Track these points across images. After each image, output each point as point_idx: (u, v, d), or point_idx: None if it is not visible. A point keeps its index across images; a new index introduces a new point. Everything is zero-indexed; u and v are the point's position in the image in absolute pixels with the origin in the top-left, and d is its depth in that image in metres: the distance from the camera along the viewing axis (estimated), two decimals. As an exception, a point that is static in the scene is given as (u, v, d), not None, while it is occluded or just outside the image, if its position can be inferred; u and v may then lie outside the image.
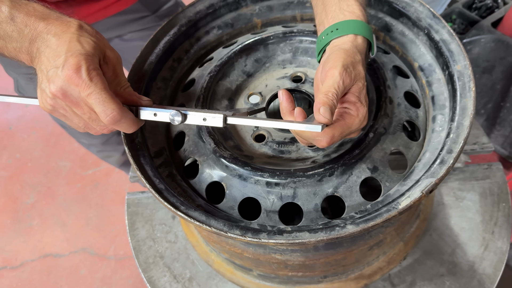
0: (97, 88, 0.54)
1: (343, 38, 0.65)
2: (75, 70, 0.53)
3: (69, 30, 0.58)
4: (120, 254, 1.93)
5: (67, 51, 0.55)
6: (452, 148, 0.61)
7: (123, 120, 0.57)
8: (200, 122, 0.58)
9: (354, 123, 0.59)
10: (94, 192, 2.14)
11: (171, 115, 0.58)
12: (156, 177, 0.66)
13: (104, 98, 0.55)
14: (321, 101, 0.55)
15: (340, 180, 0.65)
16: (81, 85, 0.54)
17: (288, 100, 0.63)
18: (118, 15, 1.06)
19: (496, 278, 0.83)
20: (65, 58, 0.54)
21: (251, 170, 0.66)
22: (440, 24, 0.73)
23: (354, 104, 0.59)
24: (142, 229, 0.95)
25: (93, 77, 0.54)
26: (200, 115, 0.58)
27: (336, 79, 0.57)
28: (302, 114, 0.59)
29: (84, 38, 0.57)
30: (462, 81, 0.67)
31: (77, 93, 0.55)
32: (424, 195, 0.56)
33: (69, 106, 0.57)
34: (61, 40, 0.56)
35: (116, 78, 0.61)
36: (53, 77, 0.55)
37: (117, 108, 0.56)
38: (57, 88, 0.55)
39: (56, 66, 0.55)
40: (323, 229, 0.58)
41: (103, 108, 0.55)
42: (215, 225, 0.59)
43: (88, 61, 0.55)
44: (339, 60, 0.59)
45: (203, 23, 0.86)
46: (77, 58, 0.54)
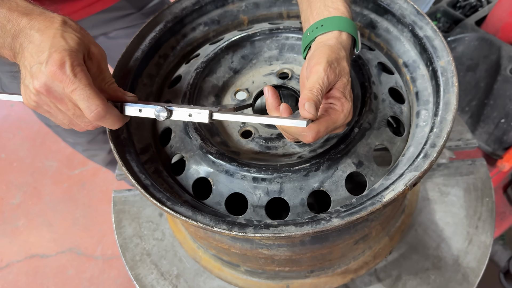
0: (81, 84, 0.54)
1: (328, 34, 0.65)
2: (59, 66, 0.53)
3: (53, 26, 0.57)
4: (108, 254, 1.91)
5: (51, 47, 0.54)
6: (436, 142, 0.62)
7: (107, 116, 0.57)
8: (186, 118, 0.58)
9: (339, 118, 0.59)
10: (81, 192, 2.12)
11: (156, 111, 0.58)
12: (142, 173, 0.66)
13: (88, 94, 0.54)
14: (305, 97, 0.56)
15: (326, 175, 0.66)
16: (65, 81, 0.54)
17: (273, 96, 0.63)
18: (103, 12, 1.05)
19: (480, 272, 0.84)
20: (49, 53, 0.54)
21: (237, 166, 0.66)
22: (424, 20, 0.74)
23: (339, 100, 0.60)
24: (129, 227, 0.94)
25: (77, 73, 0.54)
26: (186, 110, 0.58)
27: (320, 75, 0.58)
28: (287, 110, 0.60)
29: (68, 33, 0.57)
30: (446, 76, 0.68)
31: (61, 89, 0.55)
32: (407, 188, 0.57)
33: (53, 102, 0.57)
34: (45, 36, 0.56)
35: (101, 74, 0.60)
36: (36, 73, 0.54)
37: (101, 104, 0.55)
38: (41, 84, 0.54)
39: (40, 62, 0.54)
40: (309, 222, 0.58)
41: (87, 104, 0.55)
42: (202, 220, 0.59)
43: (72, 57, 0.54)
44: (323, 56, 0.60)
45: (189, 19, 0.86)
46: (61, 54, 0.54)
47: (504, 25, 1.26)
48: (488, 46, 1.24)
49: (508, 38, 1.26)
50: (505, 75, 1.20)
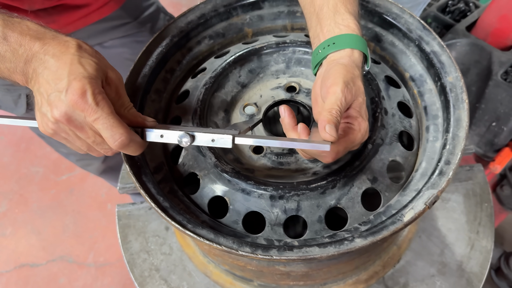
0: (104, 113, 0.54)
1: (340, 52, 0.66)
2: (80, 94, 0.52)
3: (69, 51, 0.56)
4: (100, 261, 1.89)
5: (70, 74, 0.53)
6: (450, 159, 0.63)
7: (131, 144, 0.56)
8: (209, 143, 0.58)
9: (357, 137, 0.60)
10: (70, 198, 2.08)
11: (179, 136, 0.57)
12: (160, 194, 0.65)
13: (111, 123, 0.54)
14: (325, 119, 0.56)
15: (342, 191, 0.67)
16: (87, 110, 0.53)
17: (290, 115, 0.64)
18: (99, 22, 1.03)
19: (483, 276, 0.87)
20: (68, 81, 0.53)
21: (254, 184, 0.66)
22: (430, 35, 0.76)
23: (356, 119, 0.61)
24: (135, 242, 0.93)
25: (99, 101, 0.53)
26: (209, 136, 0.58)
27: (338, 96, 0.58)
28: (306, 131, 0.60)
29: (85, 59, 0.56)
30: (455, 92, 0.70)
31: (82, 118, 0.54)
32: (427, 207, 0.59)
33: (73, 130, 0.56)
34: (61, 62, 0.55)
35: (119, 99, 0.60)
36: (55, 102, 0.53)
37: (125, 132, 0.55)
38: (61, 113, 0.53)
39: (59, 90, 0.53)
40: (332, 243, 0.59)
41: (111, 133, 0.54)
42: (225, 243, 0.60)
43: (93, 85, 0.54)
44: (339, 76, 0.60)
45: (195, 33, 0.86)
46: (81, 82, 0.53)
47: (493, 30, 1.30)
48: (479, 52, 1.27)
49: (497, 43, 1.30)
50: (496, 80, 1.23)
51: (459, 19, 1.41)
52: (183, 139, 0.57)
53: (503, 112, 1.23)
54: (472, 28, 1.35)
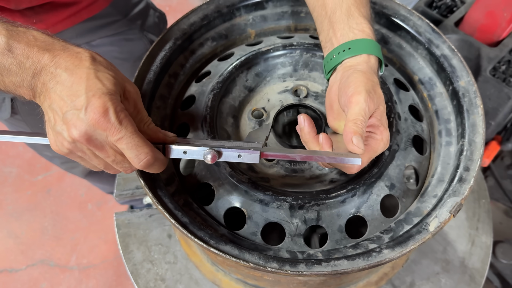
0: (128, 132, 0.51)
1: (357, 58, 0.65)
2: (102, 113, 0.49)
3: (83, 64, 0.52)
4: (83, 263, 1.83)
5: (87, 90, 0.50)
6: (469, 166, 0.64)
7: (155, 163, 0.54)
8: (235, 159, 0.56)
9: (379, 147, 0.60)
10: (47, 199, 2.00)
11: (205, 153, 0.55)
12: (177, 209, 0.63)
13: (136, 142, 0.51)
14: (351, 130, 0.55)
15: (362, 199, 0.66)
16: (110, 130, 0.50)
17: (310, 125, 0.62)
18: (88, 21, 0.98)
19: (485, 272, 0.89)
20: (87, 98, 0.49)
21: (273, 195, 0.65)
22: (440, 39, 0.76)
23: (378, 128, 0.60)
24: (138, 251, 0.90)
25: (122, 119, 0.50)
26: (235, 151, 0.55)
27: (362, 106, 0.57)
28: (328, 141, 0.59)
29: (102, 73, 0.52)
30: (468, 97, 0.70)
31: (103, 137, 0.51)
32: (452, 216, 0.59)
33: (91, 150, 0.53)
34: (76, 77, 0.51)
35: (138, 114, 0.57)
36: (73, 121, 0.50)
37: (150, 152, 0.52)
38: (80, 133, 0.50)
39: (76, 108, 0.50)
40: (360, 255, 0.58)
41: (136, 153, 0.52)
42: (251, 260, 0.58)
43: (114, 102, 0.50)
44: (361, 85, 0.59)
45: (198, 35, 0.82)
46: (102, 99, 0.49)
47: (480, 26, 1.32)
48: (468, 47, 1.29)
49: (484, 39, 1.32)
50: (485, 76, 1.26)
51: (446, 14, 1.43)
52: (208, 156, 0.55)
53: (491, 107, 1.25)
54: (460, 24, 1.36)
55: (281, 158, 0.57)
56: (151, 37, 1.12)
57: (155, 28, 1.15)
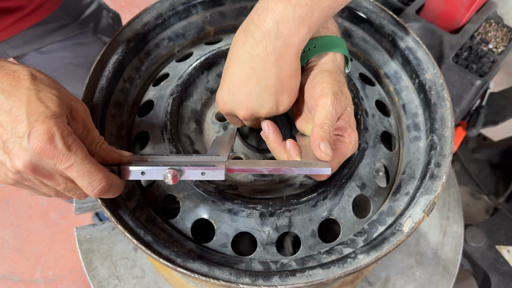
0: (78, 158, 0.46)
1: (322, 56, 0.62)
2: (47, 140, 0.44)
3: (22, 85, 0.47)
4: (49, 276, 1.75)
5: (29, 115, 0.45)
6: (440, 162, 0.63)
7: (111, 189, 0.49)
8: (199, 177, 0.52)
9: (348, 150, 0.57)
10: (6, 211, 1.89)
11: (165, 174, 0.50)
12: (139, 227, 0.58)
13: (88, 169, 0.47)
14: (319, 136, 0.52)
15: (333, 202, 0.64)
16: (58, 157, 0.45)
17: (275, 132, 0.59)
18: (36, 26, 0.90)
19: (457, 262, 0.90)
20: (29, 124, 0.44)
21: (241, 203, 0.61)
22: (403, 31, 0.74)
23: (346, 130, 0.57)
24: (102, 267, 0.85)
25: (70, 144, 0.46)
26: (198, 169, 0.51)
27: (329, 110, 0.54)
28: (296, 148, 0.56)
29: (44, 93, 0.47)
30: (435, 90, 0.69)
31: (51, 166, 0.46)
32: (426, 215, 0.57)
33: (39, 179, 0.47)
34: (15, 100, 0.46)
35: (89, 135, 0.52)
36: (16, 150, 0.45)
37: (104, 178, 0.48)
38: (25, 164, 0.45)
39: (18, 135, 0.44)
40: (335, 262, 0.56)
41: (88, 180, 0.47)
42: (221, 277, 0.55)
43: (61, 126, 0.45)
44: (327, 86, 0.56)
45: (152, 35, 0.77)
46: (46, 124, 0.44)
47: (440, 13, 1.32)
48: (430, 35, 1.29)
49: (445, 25, 1.32)
50: (448, 63, 1.26)
51: (407, 2, 1.42)
52: (168, 176, 0.50)
53: (455, 94, 1.26)
54: (421, 11, 1.36)
55: (248, 172, 0.53)
56: (105, 39, 1.06)
57: (110, 30, 1.09)
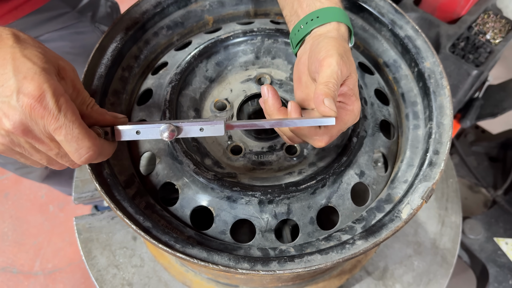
0: (67, 121, 0.44)
1: (326, 26, 0.61)
2: (37, 98, 0.42)
3: (4, 43, 0.45)
4: (48, 268, 1.75)
5: (16, 72, 0.43)
6: (438, 149, 0.63)
7: (99, 158, 0.48)
8: (197, 134, 0.51)
9: (350, 118, 0.55)
10: (5, 203, 1.89)
11: (161, 130, 0.49)
12: (139, 213, 0.58)
13: (76, 134, 0.45)
14: (323, 92, 0.50)
15: (332, 189, 0.64)
16: (47, 118, 0.43)
17: (275, 96, 0.57)
18: (33, 14, 0.90)
19: (455, 251, 0.90)
20: (17, 81, 0.43)
21: (240, 191, 0.62)
22: (403, 19, 0.74)
23: (349, 98, 0.55)
24: (101, 256, 0.85)
25: (61, 105, 0.44)
26: (196, 125, 0.50)
27: (334, 69, 0.52)
28: (298, 109, 0.55)
29: (29, 51, 0.45)
30: (434, 78, 0.69)
31: (41, 127, 0.44)
32: (424, 202, 0.58)
33: (30, 143, 0.46)
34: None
35: (79, 96, 0.50)
36: (4, 110, 0.43)
37: (93, 146, 0.46)
38: (15, 124, 0.43)
39: (5, 94, 0.43)
40: (333, 248, 0.56)
41: (75, 147, 0.45)
42: (220, 262, 0.55)
43: (52, 84, 0.44)
44: (332, 48, 0.55)
45: (151, 24, 0.77)
46: (36, 81, 0.43)
47: (440, 4, 1.32)
48: (428, 25, 1.29)
49: (444, 17, 1.32)
50: (445, 53, 1.26)
51: (406, -7, 1.42)
52: (165, 133, 0.49)
53: (452, 85, 1.26)
54: (420, 3, 1.36)
55: (248, 127, 0.52)
56: (103, 28, 1.05)
57: (108, 18, 1.08)
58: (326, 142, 0.55)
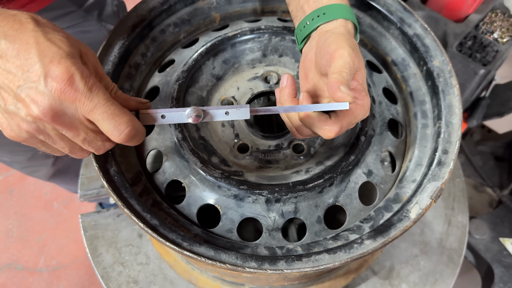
0: (102, 100, 0.44)
1: (333, 23, 0.60)
2: (67, 81, 0.42)
3: (25, 27, 0.44)
4: (53, 265, 1.76)
5: (42, 56, 0.42)
6: (447, 148, 0.62)
7: (136, 135, 0.47)
8: (223, 117, 0.51)
9: (360, 113, 0.55)
10: (10, 200, 1.90)
11: (188, 112, 0.49)
12: (146, 211, 0.58)
13: (113, 111, 0.44)
14: (337, 80, 0.50)
15: (340, 188, 0.64)
16: (80, 100, 0.43)
17: (292, 87, 0.57)
18: (40, 13, 0.89)
19: (462, 251, 0.90)
20: (43, 66, 0.42)
21: (247, 189, 0.61)
22: (412, 18, 0.73)
23: (359, 92, 0.55)
24: (107, 254, 0.85)
25: (92, 86, 0.43)
26: (222, 110, 0.51)
27: (346, 60, 0.52)
28: (309, 98, 0.55)
29: (52, 35, 0.44)
30: (443, 77, 0.68)
31: (72, 111, 0.44)
32: (434, 201, 0.57)
33: (57, 129, 0.45)
34: (21, 43, 0.43)
35: (102, 81, 0.49)
36: (32, 95, 0.42)
37: (131, 121, 0.46)
38: (44, 109, 0.42)
39: (32, 80, 0.42)
40: (341, 247, 0.56)
41: (114, 123, 0.45)
42: (228, 260, 0.54)
43: (79, 67, 0.43)
44: (343, 41, 0.55)
45: (158, 21, 0.77)
46: (63, 65, 0.42)
47: (447, 3, 1.31)
48: (434, 24, 1.28)
49: (451, 16, 1.31)
50: (452, 51, 1.25)
51: (412, -9, 1.41)
52: (192, 114, 0.49)
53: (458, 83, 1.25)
54: (427, 1, 1.35)
55: (267, 113, 0.53)
56: (110, 27, 1.05)
57: (114, 17, 1.08)
58: (336, 133, 0.54)
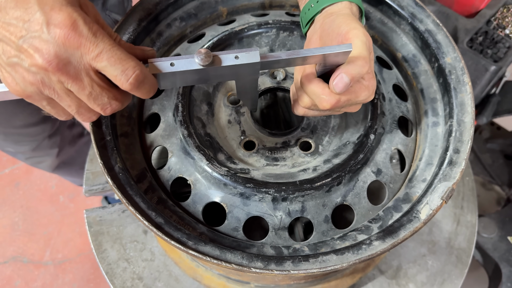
0: (107, 45, 0.42)
1: (338, 5, 0.59)
2: (70, 26, 0.40)
3: None
4: (59, 258, 1.76)
5: (42, 5, 0.41)
6: (459, 148, 0.61)
7: (145, 81, 0.46)
8: (232, 61, 0.49)
9: (363, 93, 0.54)
10: (16, 193, 1.90)
11: (197, 57, 0.47)
12: (151, 209, 0.57)
13: (119, 55, 0.43)
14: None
15: (348, 187, 0.62)
16: (85, 45, 0.41)
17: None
18: None
19: (471, 251, 0.88)
20: (44, 14, 0.40)
21: (254, 187, 0.60)
22: (424, 13, 0.72)
23: (367, 74, 0.54)
24: (112, 250, 0.85)
25: (96, 31, 0.42)
26: (231, 54, 0.49)
27: (363, 39, 0.52)
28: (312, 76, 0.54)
29: None
30: (455, 74, 0.66)
31: (78, 58, 0.42)
32: (444, 202, 0.56)
33: (62, 82, 0.43)
34: None
35: (104, 29, 0.47)
36: (36, 44, 0.41)
37: (138, 65, 0.44)
38: (50, 57, 0.41)
39: (34, 29, 0.41)
40: (349, 248, 0.55)
41: (121, 68, 0.43)
42: (234, 260, 0.54)
43: (81, 13, 0.42)
44: (353, 21, 0.54)
45: (164, 15, 0.75)
46: (64, 11, 0.41)
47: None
48: (445, 19, 1.26)
49: (462, 11, 1.29)
50: (462, 47, 1.23)
51: (422, -14, 1.38)
52: (200, 56, 0.47)
53: (470, 81, 1.23)
54: (437, -4, 1.33)
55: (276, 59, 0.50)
56: (114, 16, 1.04)
57: (119, 6, 1.06)
58: (332, 105, 0.52)
